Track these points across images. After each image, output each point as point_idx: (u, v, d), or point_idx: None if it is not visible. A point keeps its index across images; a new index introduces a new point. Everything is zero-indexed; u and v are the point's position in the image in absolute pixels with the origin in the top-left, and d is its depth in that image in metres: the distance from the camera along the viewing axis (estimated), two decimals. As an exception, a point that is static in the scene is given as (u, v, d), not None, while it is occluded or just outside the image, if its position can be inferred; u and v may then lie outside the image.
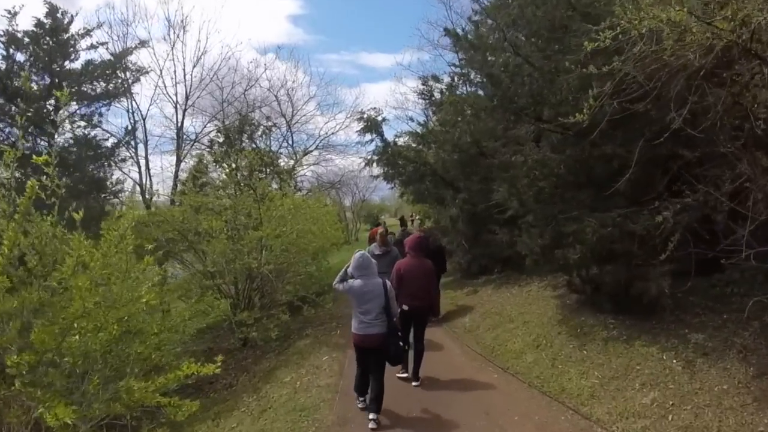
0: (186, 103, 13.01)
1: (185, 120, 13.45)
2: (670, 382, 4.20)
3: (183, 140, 12.65)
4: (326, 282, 11.50)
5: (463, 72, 9.07)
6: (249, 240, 6.70)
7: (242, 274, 6.83)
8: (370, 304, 3.89)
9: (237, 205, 7.51)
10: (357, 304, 3.94)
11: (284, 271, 7.47)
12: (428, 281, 4.86)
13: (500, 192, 6.84)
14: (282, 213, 7.18)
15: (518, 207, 6.37)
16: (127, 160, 10.21)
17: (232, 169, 9.11)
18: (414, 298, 4.68)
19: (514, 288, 8.23)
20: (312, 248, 8.18)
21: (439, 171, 10.79)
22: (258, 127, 12.88)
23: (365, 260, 3.99)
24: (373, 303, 3.89)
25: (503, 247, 8.58)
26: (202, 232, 6.55)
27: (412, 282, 4.69)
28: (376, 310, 3.89)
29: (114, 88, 9.11)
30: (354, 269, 3.97)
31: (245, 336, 6.37)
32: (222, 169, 10.82)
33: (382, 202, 41.43)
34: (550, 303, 6.84)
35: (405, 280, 4.70)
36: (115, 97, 9.17)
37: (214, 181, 11.97)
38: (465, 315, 7.67)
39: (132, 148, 11.84)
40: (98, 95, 8.79)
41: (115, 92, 9.09)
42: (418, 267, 4.81)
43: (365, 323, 3.89)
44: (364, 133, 11.18)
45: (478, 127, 7.36)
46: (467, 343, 6.37)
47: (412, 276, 4.72)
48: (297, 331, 7.66)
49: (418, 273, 4.75)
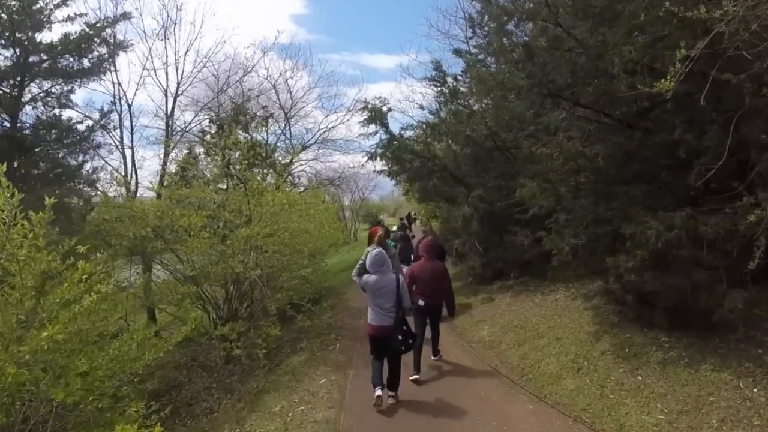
0: (177, 90, 12.05)
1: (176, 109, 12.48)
2: (755, 416, 3.45)
3: (172, 130, 11.65)
4: (324, 286, 10.65)
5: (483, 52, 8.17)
6: (236, 239, 5.80)
7: (226, 278, 5.93)
8: (384, 298, 4.27)
9: (225, 200, 6.62)
10: (372, 298, 4.32)
11: (276, 275, 6.58)
12: (439, 282, 5.26)
13: (527, 188, 5.98)
14: (275, 210, 6.29)
15: (553, 204, 5.53)
16: (103, 146, 9.20)
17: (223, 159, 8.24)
18: (426, 297, 5.15)
19: (536, 296, 7.39)
20: (308, 249, 7.29)
21: (449, 166, 9.94)
22: (254, 117, 11.95)
23: (381, 257, 4.34)
24: (387, 297, 4.27)
25: (523, 250, 7.74)
26: (180, 230, 5.63)
27: (424, 282, 5.16)
28: (390, 303, 4.26)
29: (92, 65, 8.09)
30: (370, 265, 4.33)
31: (228, 352, 5.46)
32: (213, 161, 9.94)
33: (382, 201, 40.74)
34: (583, 315, 6.01)
35: (418, 281, 5.19)
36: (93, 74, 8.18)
37: (204, 175, 11.12)
38: (482, 327, 6.81)
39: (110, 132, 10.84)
40: (73, 72, 7.81)
41: (92, 70, 8.10)
42: (430, 269, 5.22)
43: (380, 315, 4.26)
44: (367, 124, 10.29)
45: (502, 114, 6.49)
46: (489, 362, 5.51)
47: (424, 277, 5.17)
48: (290, 344, 6.77)
49: (430, 274, 5.19)
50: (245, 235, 5.59)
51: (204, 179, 11.12)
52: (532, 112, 5.86)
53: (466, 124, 8.68)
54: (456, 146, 9.34)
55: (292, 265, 7.46)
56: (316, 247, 8.14)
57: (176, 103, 11.96)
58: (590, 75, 4.93)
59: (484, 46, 9.45)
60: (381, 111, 10.14)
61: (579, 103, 5.59)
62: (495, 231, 8.21)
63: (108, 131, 9.69)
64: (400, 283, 4.32)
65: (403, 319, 4.33)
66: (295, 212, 6.56)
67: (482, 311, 7.54)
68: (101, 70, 8.58)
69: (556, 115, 6.10)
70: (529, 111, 5.56)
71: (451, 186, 9.97)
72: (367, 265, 4.35)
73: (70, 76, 7.89)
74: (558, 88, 5.20)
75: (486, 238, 8.32)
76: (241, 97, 12.37)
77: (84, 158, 8.30)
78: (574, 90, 5.24)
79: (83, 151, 8.08)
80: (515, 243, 7.72)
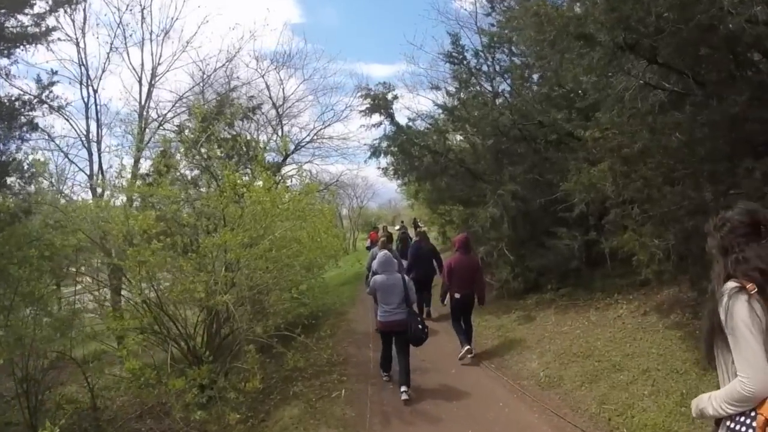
0: (152, 78, 10.64)
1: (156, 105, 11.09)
2: None
3: (147, 123, 10.19)
4: (321, 305, 9.12)
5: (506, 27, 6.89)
6: (201, 250, 4.35)
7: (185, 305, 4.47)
8: (393, 296, 4.69)
9: (193, 200, 5.19)
10: (381, 296, 4.76)
11: (257, 298, 5.13)
12: (473, 273, 5.62)
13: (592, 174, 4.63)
14: (255, 211, 4.86)
15: (640, 192, 4.17)
16: (37, 130, 7.64)
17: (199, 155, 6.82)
18: (461, 287, 5.53)
19: (589, 312, 5.98)
20: (300, 263, 5.82)
21: (467, 161, 8.59)
22: (239, 110, 10.56)
23: (388, 259, 4.86)
24: (394, 294, 4.69)
25: (570, 255, 6.34)
26: (118, 237, 4.15)
27: (461, 274, 5.52)
28: (397, 300, 4.68)
29: (32, 24, 6.58)
30: (378, 266, 4.85)
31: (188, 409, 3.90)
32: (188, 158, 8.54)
33: (380, 209, 39.42)
34: (668, 336, 4.66)
35: (455, 273, 5.53)
36: (35, 39, 6.70)
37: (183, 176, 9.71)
38: (529, 357, 5.35)
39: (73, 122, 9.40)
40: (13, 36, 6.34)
41: (35, 34, 6.60)
42: (467, 262, 5.62)
43: (389, 311, 4.68)
44: (369, 113, 9.00)
45: (568, 71, 5.18)
46: (555, 409, 4.06)
47: (461, 268, 5.54)
48: (280, 387, 5.27)
49: (465, 266, 5.56)
50: (212, 243, 4.14)
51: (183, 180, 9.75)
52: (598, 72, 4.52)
53: (491, 109, 7.35)
54: (476, 136, 8.01)
55: (281, 283, 5.99)
56: (310, 261, 6.65)
57: (151, 94, 10.60)
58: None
59: (503, 22, 8.21)
60: (386, 98, 8.83)
61: (655, 60, 4.29)
62: (531, 234, 6.83)
63: (58, 111, 8.19)
64: (405, 282, 4.84)
65: (414, 312, 4.86)
66: (280, 214, 5.11)
67: (522, 334, 6.08)
68: (44, 33, 7.04)
69: (626, 81, 4.79)
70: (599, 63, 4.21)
71: (469, 184, 8.60)
72: (375, 266, 4.92)
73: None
74: (639, 36, 3.88)
75: (519, 243, 6.92)
76: (226, 87, 11.07)
77: (17, 144, 6.69)
78: (658, 40, 3.91)
79: (14, 134, 6.48)
80: (558, 248, 6.33)
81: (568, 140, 7.77)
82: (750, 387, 1.34)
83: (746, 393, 1.35)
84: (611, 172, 4.43)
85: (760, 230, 1.49)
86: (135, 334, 4.03)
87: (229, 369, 4.49)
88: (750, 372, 1.35)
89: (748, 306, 1.37)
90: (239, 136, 9.45)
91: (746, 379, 1.35)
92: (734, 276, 1.43)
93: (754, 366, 1.35)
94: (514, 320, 6.68)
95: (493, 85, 7.84)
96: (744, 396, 1.36)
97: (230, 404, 3.86)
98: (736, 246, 1.47)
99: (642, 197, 4.66)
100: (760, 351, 1.35)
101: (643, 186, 4.16)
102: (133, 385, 3.75)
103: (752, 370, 1.35)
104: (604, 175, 4.55)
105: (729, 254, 1.48)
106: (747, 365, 1.36)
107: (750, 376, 1.35)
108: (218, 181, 5.06)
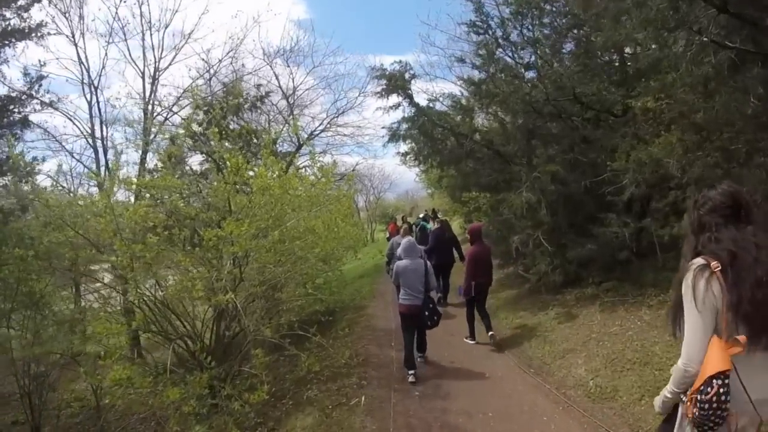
0: (155, 72, 10.38)
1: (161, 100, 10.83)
2: None
3: (153, 118, 9.99)
4: (339, 300, 8.66)
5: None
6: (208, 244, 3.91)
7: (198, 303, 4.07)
8: (415, 280, 4.93)
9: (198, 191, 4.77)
10: (404, 281, 4.97)
11: (267, 295, 4.68)
12: (490, 261, 5.93)
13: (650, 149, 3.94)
14: (262, 199, 4.39)
15: (716, 169, 3.49)
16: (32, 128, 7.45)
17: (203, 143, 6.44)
18: (484, 275, 5.78)
19: (641, 311, 5.29)
20: (316, 254, 5.34)
21: (495, 143, 7.89)
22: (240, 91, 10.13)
23: (412, 245, 5.15)
24: (417, 279, 4.93)
25: (617, 246, 5.63)
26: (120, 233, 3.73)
27: (483, 264, 5.78)
28: (420, 284, 4.93)
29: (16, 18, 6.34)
30: (402, 251, 5.09)
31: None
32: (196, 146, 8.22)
33: (397, 201, 38.89)
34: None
35: (477, 263, 5.71)
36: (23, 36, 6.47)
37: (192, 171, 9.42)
38: (574, 361, 4.73)
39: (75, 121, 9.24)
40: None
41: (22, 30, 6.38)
42: (486, 251, 5.93)
43: (411, 295, 4.92)
44: (386, 94, 8.37)
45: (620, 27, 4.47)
46: (612, 427, 3.45)
47: (484, 259, 5.78)
48: (293, 391, 4.85)
49: (486, 255, 5.88)
50: (215, 236, 3.69)
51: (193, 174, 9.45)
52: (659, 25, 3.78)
53: (521, 82, 6.61)
54: (505, 115, 7.30)
55: (295, 277, 5.55)
56: (327, 252, 6.15)
57: (156, 89, 10.33)
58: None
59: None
60: (403, 77, 8.18)
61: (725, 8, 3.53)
62: (571, 221, 6.13)
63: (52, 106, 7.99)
64: (427, 267, 5.03)
65: (429, 298, 5.02)
66: (291, 202, 4.60)
67: (564, 335, 5.45)
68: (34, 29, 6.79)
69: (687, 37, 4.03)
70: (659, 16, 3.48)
71: (498, 168, 7.91)
72: (400, 251, 5.16)
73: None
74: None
75: (559, 231, 6.22)
76: (233, 76, 10.66)
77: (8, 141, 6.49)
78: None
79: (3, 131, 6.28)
80: (605, 236, 5.62)
81: (606, 117, 7.00)
82: (683, 361, 1.43)
83: (680, 366, 1.44)
84: (680, 144, 3.71)
85: (740, 213, 1.48)
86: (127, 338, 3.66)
87: (236, 373, 4.07)
88: (685, 348, 1.43)
89: (705, 283, 1.39)
90: (247, 125, 9.05)
91: (682, 355, 1.43)
92: (702, 254, 1.45)
93: (689, 342, 1.42)
94: (553, 318, 6.04)
95: (522, 57, 7.08)
96: (680, 371, 1.44)
97: (235, 416, 3.44)
98: (713, 225, 1.48)
99: (715, 175, 3.94)
100: (700, 329, 1.40)
101: (722, 159, 3.43)
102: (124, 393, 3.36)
103: (687, 347, 1.43)
104: (670, 149, 3.82)
105: (703, 232, 1.50)
106: (686, 342, 1.44)
107: (684, 352, 1.43)
108: (222, 170, 4.59)
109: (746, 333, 1.36)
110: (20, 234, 4.62)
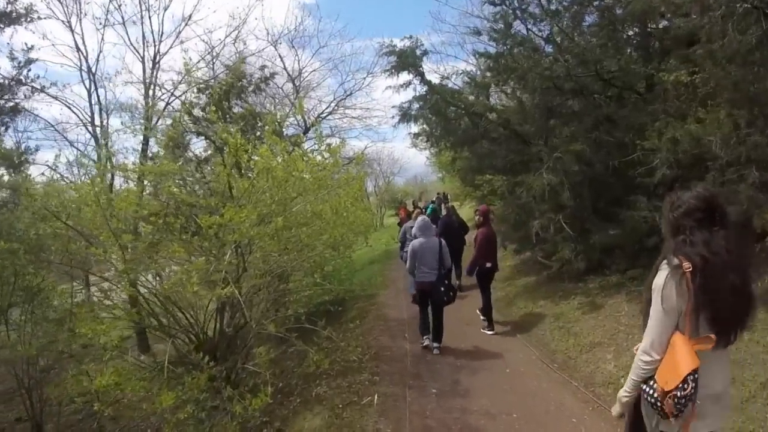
0: (156, 56, 10.01)
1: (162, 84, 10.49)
2: None
3: (154, 104, 9.69)
4: (349, 290, 8.37)
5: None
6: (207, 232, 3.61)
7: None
8: (429, 257, 4.99)
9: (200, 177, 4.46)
10: (419, 258, 5.01)
11: (270, 285, 4.40)
12: (496, 243, 6.00)
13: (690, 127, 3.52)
14: (264, 182, 4.07)
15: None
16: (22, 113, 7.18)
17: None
18: (491, 257, 5.76)
19: (673, 301, 4.86)
20: (324, 241, 5.03)
21: (512, 122, 7.43)
22: (250, 82, 9.79)
23: (426, 223, 5.20)
24: (432, 256, 4.99)
25: (646, 231, 5.23)
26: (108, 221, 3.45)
27: (493, 246, 5.83)
28: (434, 261, 4.99)
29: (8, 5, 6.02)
30: (417, 230, 5.18)
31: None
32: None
33: (407, 185, 38.49)
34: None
35: (489, 245, 5.69)
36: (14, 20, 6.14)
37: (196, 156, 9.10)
38: (602, 355, 4.42)
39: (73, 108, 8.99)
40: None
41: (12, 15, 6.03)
42: (493, 233, 5.91)
43: (425, 272, 4.99)
44: (396, 72, 7.89)
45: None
46: None
47: (492, 240, 5.80)
48: (301, 386, 4.61)
49: (493, 237, 5.88)
50: (213, 223, 3.40)
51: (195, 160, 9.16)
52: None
53: (541, 56, 6.12)
54: (524, 92, 6.82)
55: (303, 266, 5.26)
56: (335, 239, 5.82)
57: (157, 73, 9.98)
58: None
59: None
60: (414, 53, 7.70)
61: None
62: (597, 204, 5.72)
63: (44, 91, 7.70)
64: (442, 245, 5.05)
65: (444, 275, 5.07)
66: (296, 185, 4.26)
67: (589, 326, 5.11)
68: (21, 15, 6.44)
69: None
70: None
71: (515, 149, 7.48)
72: (415, 230, 5.23)
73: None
74: None
75: (582, 215, 5.82)
76: (236, 58, 10.26)
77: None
78: None
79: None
80: (634, 219, 5.22)
81: (629, 94, 6.52)
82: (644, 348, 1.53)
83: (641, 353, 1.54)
84: (729, 119, 3.28)
85: (715, 216, 1.51)
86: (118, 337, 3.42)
87: (240, 370, 3.83)
88: (647, 338, 1.53)
89: (675, 284, 1.46)
90: (251, 108, 8.69)
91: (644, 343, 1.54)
92: (676, 256, 1.49)
93: (651, 333, 1.52)
94: (576, 308, 5.70)
95: (541, 30, 6.55)
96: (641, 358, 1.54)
97: (236, 419, 3.20)
98: (687, 229, 1.52)
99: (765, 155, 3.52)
100: (662, 323, 1.49)
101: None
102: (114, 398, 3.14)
103: (649, 336, 1.52)
104: (717, 126, 3.40)
105: (678, 235, 1.54)
106: (647, 332, 1.54)
107: (645, 341, 1.53)
108: (220, 150, 4.27)
109: (709, 333, 1.45)
110: (11, 226, 4.38)
